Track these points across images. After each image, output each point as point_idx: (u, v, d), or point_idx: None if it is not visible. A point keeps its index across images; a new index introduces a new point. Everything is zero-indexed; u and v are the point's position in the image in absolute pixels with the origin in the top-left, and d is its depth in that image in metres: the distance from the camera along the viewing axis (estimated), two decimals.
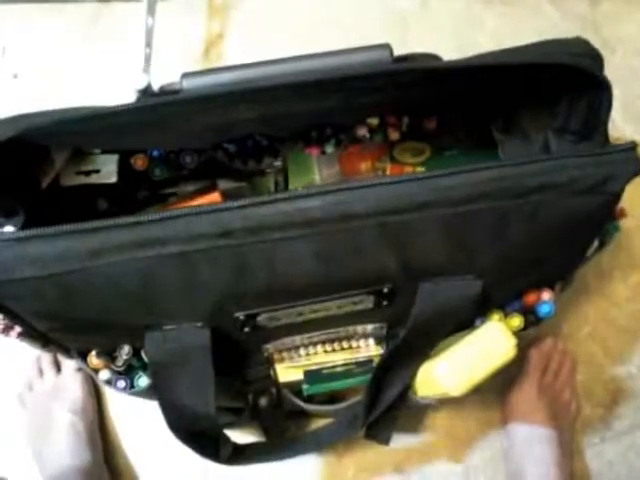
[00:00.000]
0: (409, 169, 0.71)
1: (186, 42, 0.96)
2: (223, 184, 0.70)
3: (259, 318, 0.56)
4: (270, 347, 0.63)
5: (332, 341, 0.65)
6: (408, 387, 0.63)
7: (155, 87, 0.57)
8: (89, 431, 0.80)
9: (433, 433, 0.83)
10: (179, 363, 0.54)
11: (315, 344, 0.64)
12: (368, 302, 0.58)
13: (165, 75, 0.56)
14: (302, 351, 0.65)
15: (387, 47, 0.52)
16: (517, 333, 0.61)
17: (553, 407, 0.78)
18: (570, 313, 0.85)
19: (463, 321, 0.60)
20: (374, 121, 0.70)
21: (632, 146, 0.49)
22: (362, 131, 0.69)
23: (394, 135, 0.70)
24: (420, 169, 0.71)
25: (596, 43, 0.53)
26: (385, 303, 0.58)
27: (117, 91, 0.59)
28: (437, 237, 0.50)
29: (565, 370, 0.81)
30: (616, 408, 0.84)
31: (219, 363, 0.54)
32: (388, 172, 0.71)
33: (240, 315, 0.55)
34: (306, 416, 0.78)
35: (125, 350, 0.59)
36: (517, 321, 0.62)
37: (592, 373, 0.84)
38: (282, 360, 0.65)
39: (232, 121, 0.56)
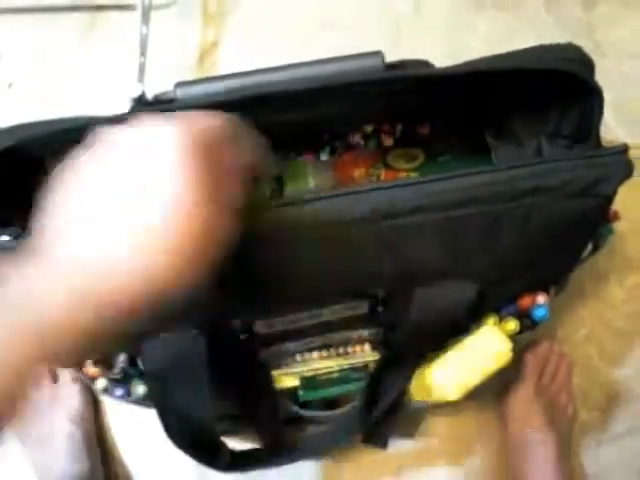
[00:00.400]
0: (403, 175, 0.71)
1: (181, 50, 0.96)
2: None
3: (255, 325, 0.56)
4: (266, 354, 0.63)
5: (328, 347, 0.65)
6: (404, 392, 0.63)
7: (150, 95, 0.57)
8: (87, 440, 0.80)
9: (431, 437, 0.83)
10: (176, 370, 0.54)
11: (311, 350, 0.65)
12: (363, 307, 0.58)
13: (160, 83, 0.56)
14: (298, 357, 0.65)
15: (379, 54, 0.53)
16: (512, 337, 0.61)
17: (550, 410, 0.78)
18: (566, 316, 0.85)
19: (459, 326, 0.60)
20: (368, 128, 0.70)
21: (623, 149, 0.49)
22: (356, 138, 0.69)
23: (388, 141, 0.71)
24: (414, 175, 0.71)
25: (589, 47, 0.53)
26: (380, 309, 0.58)
27: (112, 99, 0.59)
28: (431, 241, 0.50)
29: (561, 373, 0.81)
30: (613, 411, 0.83)
31: (215, 371, 0.54)
32: (382, 178, 0.71)
33: (236, 322, 0.55)
34: (303, 422, 0.78)
35: (121, 358, 0.59)
36: (512, 325, 0.62)
37: (588, 376, 0.84)
38: (278, 367, 0.65)
39: None
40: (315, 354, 0.65)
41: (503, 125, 0.66)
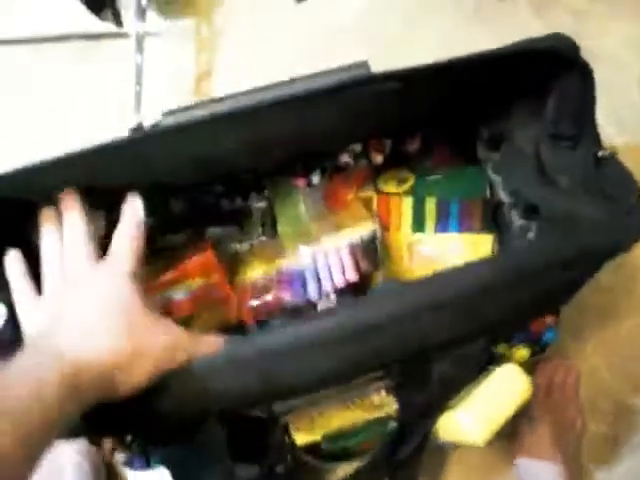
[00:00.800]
0: (396, 199, 0.70)
1: (177, 75, 0.95)
2: (212, 231, 0.68)
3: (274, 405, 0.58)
4: (286, 417, 0.63)
5: (346, 400, 0.64)
6: (429, 435, 0.63)
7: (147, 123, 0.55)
8: (95, 470, 0.78)
9: (447, 462, 0.81)
10: (196, 456, 0.55)
11: (329, 405, 0.64)
12: (379, 373, 0.59)
13: (157, 110, 0.54)
14: (317, 414, 0.64)
15: (365, 65, 0.52)
16: (523, 364, 0.61)
17: (559, 428, 0.76)
18: (573, 328, 0.84)
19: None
20: (357, 147, 0.68)
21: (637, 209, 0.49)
22: (345, 158, 0.68)
23: (378, 158, 0.69)
24: (407, 199, 0.70)
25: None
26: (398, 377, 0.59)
27: (109, 127, 0.58)
28: (446, 323, 0.51)
29: (569, 384, 0.79)
30: (621, 424, 0.83)
31: (235, 440, 0.54)
32: (375, 205, 0.70)
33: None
34: (325, 470, 0.77)
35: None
36: (523, 352, 0.63)
37: (596, 388, 0.83)
38: (298, 425, 0.64)
39: (215, 152, 0.55)
40: (334, 407, 0.64)
41: (499, 134, 0.65)
